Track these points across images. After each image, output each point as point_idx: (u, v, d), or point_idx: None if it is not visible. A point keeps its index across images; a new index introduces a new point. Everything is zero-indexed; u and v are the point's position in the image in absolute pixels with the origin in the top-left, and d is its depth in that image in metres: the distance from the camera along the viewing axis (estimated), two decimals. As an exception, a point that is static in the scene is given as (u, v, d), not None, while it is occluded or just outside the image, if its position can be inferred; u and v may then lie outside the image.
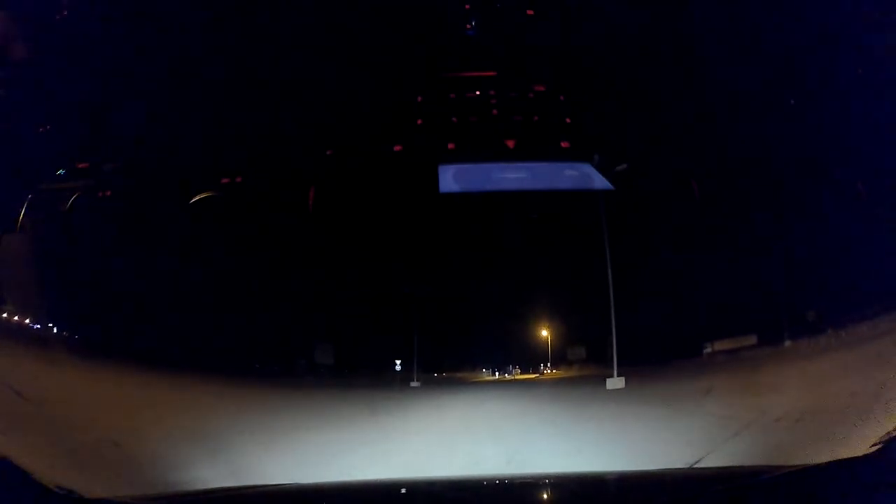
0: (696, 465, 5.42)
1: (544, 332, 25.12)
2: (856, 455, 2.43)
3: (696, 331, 18.28)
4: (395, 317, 21.47)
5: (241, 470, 6.14)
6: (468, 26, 16.15)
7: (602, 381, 18.69)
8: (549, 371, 25.22)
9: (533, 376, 24.51)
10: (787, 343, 16.37)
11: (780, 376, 10.96)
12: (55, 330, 18.53)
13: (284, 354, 21.84)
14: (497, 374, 26.81)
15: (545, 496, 2.70)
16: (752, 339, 17.97)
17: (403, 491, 2.86)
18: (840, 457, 2.52)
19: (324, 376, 21.04)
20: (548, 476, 3.64)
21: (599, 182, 13.66)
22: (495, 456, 7.53)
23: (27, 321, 18.48)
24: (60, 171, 16.68)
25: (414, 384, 21.80)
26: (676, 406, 10.23)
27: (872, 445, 2.26)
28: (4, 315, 17.73)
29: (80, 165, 16.87)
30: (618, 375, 14.32)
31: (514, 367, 26.56)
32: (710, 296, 16.62)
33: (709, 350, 18.96)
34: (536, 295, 22.29)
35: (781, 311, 16.85)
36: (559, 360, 25.77)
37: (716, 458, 5.72)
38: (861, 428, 5.53)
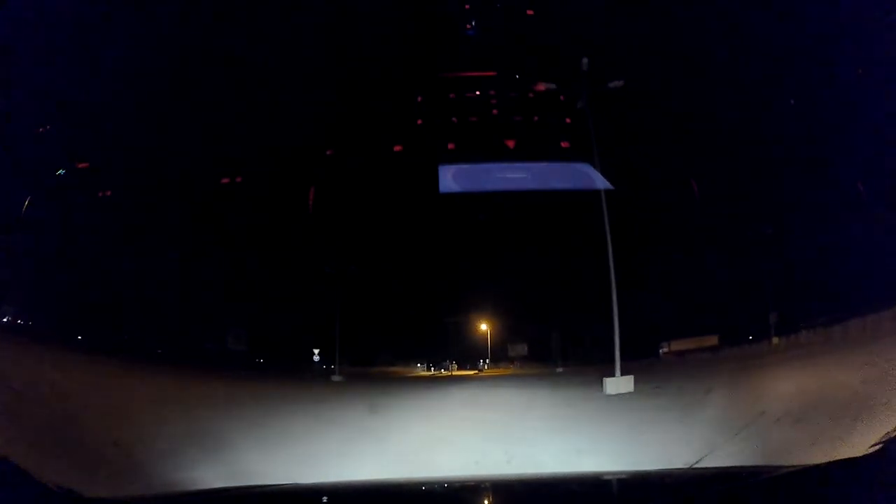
0: (696, 465, 5.41)
1: (484, 327, 23.56)
2: (856, 455, 2.43)
3: (694, 328, 18.27)
4: (319, 305, 19.44)
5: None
6: (468, 26, 16.16)
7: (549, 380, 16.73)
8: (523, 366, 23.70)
9: (536, 370, 22.93)
10: (787, 343, 16.36)
11: (780, 376, 10.92)
12: (55, 330, 18.52)
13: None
14: (433, 368, 24.69)
15: (545, 496, 2.70)
16: (755, 338, 17.98)
17: (403, 491, 2.86)
18: (840, 457, 2.52)
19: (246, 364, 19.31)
20: (548, 476, 3.65)
21: (599, 182, 13.65)
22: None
23: (27, 321, 18.48)
24: (60, 171, 16.69)
25: (336, 378, 19.06)
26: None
27: (872, 445, 2.26)
28: (4, 314, 17.74)
29: (80, 165, 16.89)
30: (611, 375, 12.09)
31: (451, 363, 24.67)
32: (710, 295, 16.62)
33: (707, 347, 18.93)
34: (489, 292, 21.08)
35: (782, 311, 16.84)
36: (501, 355, 24.22)
37: (716, 458, 5.71)
38: (861, 428, 5.53)
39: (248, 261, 18.55)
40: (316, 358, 20.26)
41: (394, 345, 23.90)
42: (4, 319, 17.70)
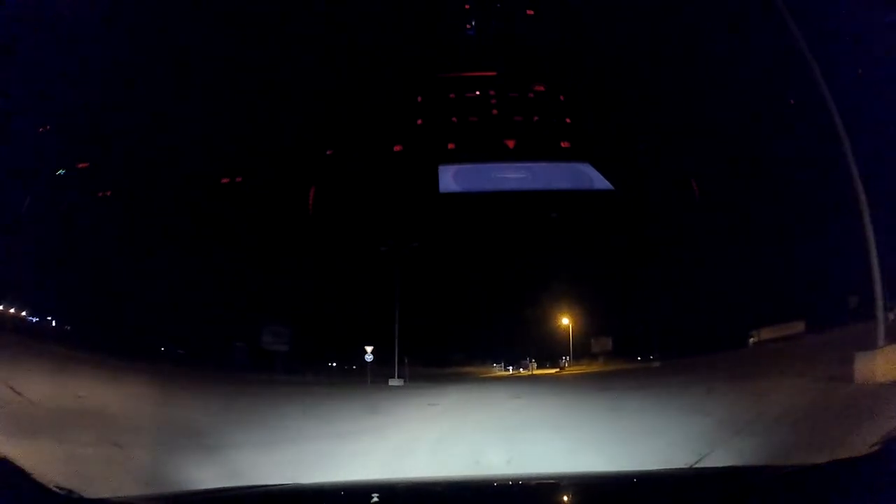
0: (696, 465, 5.41)
1: (565, 321, 21.66)
2: (856, 455, 2.43)
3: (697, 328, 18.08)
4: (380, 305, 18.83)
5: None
6: (468, 26, 16.17)
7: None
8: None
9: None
10: (788, 342, 16.37)
11: (780, 375, 10.89)
12: (55, 329, 18.52)
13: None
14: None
15: (545, 496, 2.70)
16: (754, 338, 17.94)
17: (403, 491, 2.86)
18: (840, 457, 2.52)
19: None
20: (548, 476, 3.65)
21: (599, 182, 13.64)
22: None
23: (27, 320, 18.50)
24: (60, 171, 16.70)
25: (394, 382, 18.34)
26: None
27: (872, 445, 2.26)
28: (5, 314, 17.75)
29: (80, 165, 16.89)
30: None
31: (530, 361, 23.29)
32: (713, 294, 16.57)
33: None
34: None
35: (783, 311, 16.80)
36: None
37: (716, 458, 5.71)
38: (861, 428, 5.53)
39: (273, 262, 18.54)
40: (369, 357, 18.35)
41: (466, 343, 22.18)
42: (8, 318, 17.75)
